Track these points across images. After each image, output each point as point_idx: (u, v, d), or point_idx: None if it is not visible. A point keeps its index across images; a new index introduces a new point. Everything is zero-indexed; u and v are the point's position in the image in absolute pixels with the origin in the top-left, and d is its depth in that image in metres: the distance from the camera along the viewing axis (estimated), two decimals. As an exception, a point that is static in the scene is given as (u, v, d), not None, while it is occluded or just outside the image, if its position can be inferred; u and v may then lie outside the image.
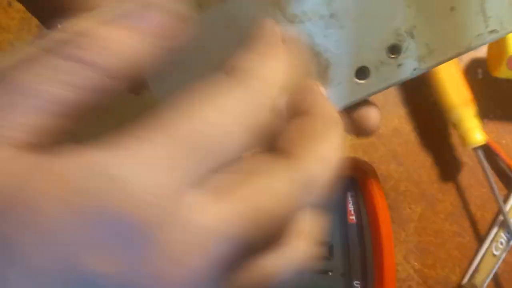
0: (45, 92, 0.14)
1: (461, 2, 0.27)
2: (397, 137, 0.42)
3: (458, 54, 0.28)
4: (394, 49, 0.27)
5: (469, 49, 0.28)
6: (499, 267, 0.40)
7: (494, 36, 0.28)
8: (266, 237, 0.15)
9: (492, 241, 0.40)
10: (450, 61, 0.31)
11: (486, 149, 0.41)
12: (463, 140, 0.40)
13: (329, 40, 0.26)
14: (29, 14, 0.26)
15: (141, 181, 0.13)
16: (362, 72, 0.27)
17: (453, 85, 0.41)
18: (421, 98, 0.43)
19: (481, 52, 0.43)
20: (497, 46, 0.40)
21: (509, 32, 0.28)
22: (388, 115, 0.42)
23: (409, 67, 0.27)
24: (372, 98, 0.41)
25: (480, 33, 0.28)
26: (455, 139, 0.42)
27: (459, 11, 0.27)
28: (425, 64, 0.28)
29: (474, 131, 0.39)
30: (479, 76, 0.42)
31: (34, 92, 0.14)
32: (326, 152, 0.17)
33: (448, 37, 0.28)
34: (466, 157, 0.42)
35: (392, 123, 0.42)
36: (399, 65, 0.27)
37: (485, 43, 0.28)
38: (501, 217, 0.40)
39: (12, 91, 0.14)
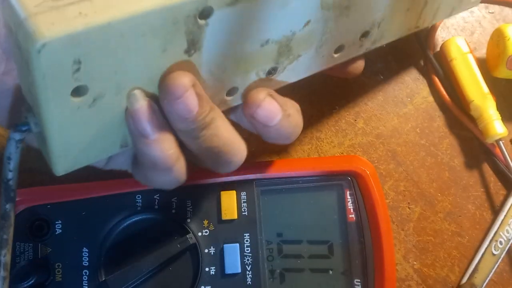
0: None
1: (415, 6, 0.35)
2: (396, 137, 0.42)
3: (391, 40, 0.36)
4: (364, 34, 0.33)
5: (399, 37, 0.36)
6: (498, 267, 0.40)
7: (415, 30, 0.37)
8: None
9: (491, 240, 0.40)
10: (467, 55, 0.41)
11: (485, 149, 0.42)
12: (485, 133, 0.40)
13: (336, 25, 0.31)
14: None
15: None
16: (338, 49, 0.33)
17: (472, 79, 0.41)
18: (421, 98, 0.43)
19: (481, 52, 0.44)
20: (497, 47, 0.40)
21: (423, 28, 0.38)
22: (388, 115, 0.42)
23: (365, 47, 0.34)
24: (375, 96, 0.42)
25: (410, 27, 0.36)
26: (454, 139, 0.42)
27: (411, 11, 0.35)
28: (373, 46, 0.35)
29: (496, 123, 0.40)
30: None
31: None
32: None
33: (393, 28, 0.35)
34: (465, 157, 0.42)
35: (392, 123, 0.42)
36: (361, 45, 0.34)
37: (407, 34, 0.37)
38: (501, 217, 0.40)
39: None
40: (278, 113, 0.28)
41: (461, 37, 0.42)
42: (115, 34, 0.22)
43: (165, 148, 0.25)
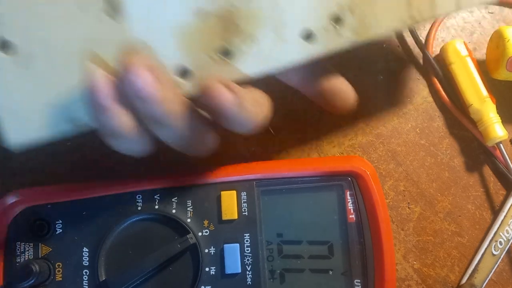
0: None
1: None
2: (396, 137, 0.42)
3: (385, 35, 0.32)
4: (337, 20, 0.30)
5: (394, 31, 0.32)
6: (498, 267, 0.40)
7: (411, 22, 0.33)
8: None
9: (491, 240, 0.40)
10: (466, 59, 0.39)
11: (485, 149, 0.42)
12: (485, 136, 0.40)
13: None
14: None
15: None
16: (309, 36, 0.30)
17: (471, 82, 0.41)
18: (421, 98, 0.43)
19: (480, 54, 0.44)
20: (496, 48, 0.40)
21: (423, 20, 0.33)
22: (388, 115, 0.42)
23: (346, 38, 0.31)
24: (375, 96, 0.42)
25: (402, 18, 0.32)
26: (454, 139, 0.42)
27: None
28: (360, 38, 0.31)
29: (496, 126, 0.40)
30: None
31: None
32: None
33: (378, 17, 0.32)
34: (465, 157, 0.42)
35: (392, 123, 0.42)
36: (339, 34, 0.31)
37: (404, 28, 0.33)
38: (500, 217, 0.40)
39: None
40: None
41: (460, 40, 0.42)
42: None
43: (121, 121, 0.25)
